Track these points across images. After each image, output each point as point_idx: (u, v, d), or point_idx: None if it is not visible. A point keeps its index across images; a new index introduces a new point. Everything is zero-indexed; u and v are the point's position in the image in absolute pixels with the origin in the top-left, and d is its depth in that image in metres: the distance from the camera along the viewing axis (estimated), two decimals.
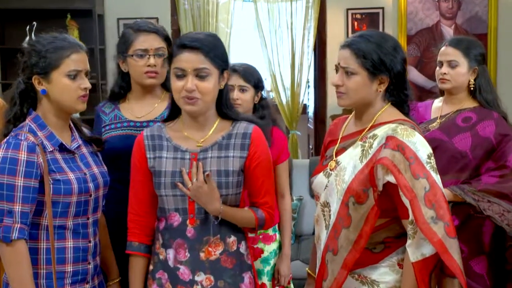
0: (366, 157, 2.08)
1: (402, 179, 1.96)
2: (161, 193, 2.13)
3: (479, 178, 2.81)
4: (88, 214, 2.21)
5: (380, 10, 6.06)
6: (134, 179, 2.18)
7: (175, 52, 2.08)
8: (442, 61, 2.94)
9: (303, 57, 6.13)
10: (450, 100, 2.98)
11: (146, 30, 2.55)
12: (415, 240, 1.97)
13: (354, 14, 6.07)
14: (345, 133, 2.24)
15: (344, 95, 2.13)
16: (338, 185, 2.12)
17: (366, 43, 2.08)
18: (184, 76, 2.06)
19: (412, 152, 1.99)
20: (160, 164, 2.12)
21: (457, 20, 5.97)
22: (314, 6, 6.06)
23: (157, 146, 2.14)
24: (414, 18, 6.01)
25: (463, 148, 2.83)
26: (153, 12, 6.02)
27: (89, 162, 2.27)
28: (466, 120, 2.90)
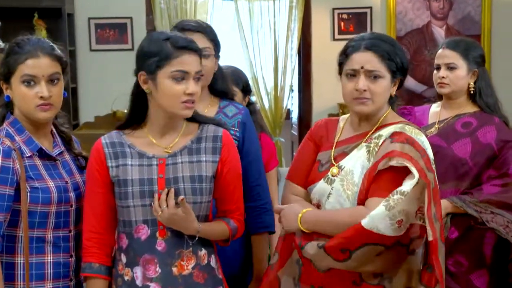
0: (373, 155, 2.12)
1: (417, 164, 2.00)
2: (129, 204, 2.07)
3: (480, 188, 2.82)
4: (70, 226, 2.19)
5: (368, 10, 6.10)
6: (92, 192, 2.12)
7: (173, 54, 2.06)
8: (440, 64, 2.96)
9: (286, 60, 6.15)
10: (449, 105, 2.99)
11: (190, 30, 2.54)
12: (382, 211, 1.95)
13: (341, 14, 6.10)
14: (342, 138, 2.25)
15: (369, 101, 2.15)
16: (348, 190, 2.13)
17: (386, 44, 2.15)
18: (183, 79, 2.07)
19: (421, 148, 2.07)
20: (125, 172, 2.08)
21: (449, 20, 6.03)
22: (298, 6, 6.08)
23: (119, 153, 2.10)
24: (404, 19, 6.06)
25: (463, 155, 2.85)
26: (127, 12, 6.01)
27: (72, 169, 2.25)
28: (466, 125, 2.92)
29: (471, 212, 2.77)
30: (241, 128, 2.61)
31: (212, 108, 2.63)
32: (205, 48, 2.52)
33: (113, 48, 6.01)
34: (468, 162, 2.84)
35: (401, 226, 1.98)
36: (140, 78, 2.08)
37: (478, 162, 2.83)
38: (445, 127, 2.94)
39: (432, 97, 3.36)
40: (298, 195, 2.29)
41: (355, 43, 2.18)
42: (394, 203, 1.95)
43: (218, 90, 2.66)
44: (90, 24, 6.02)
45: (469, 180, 2.84)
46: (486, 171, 2.84)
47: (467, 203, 2.78)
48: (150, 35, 2.15)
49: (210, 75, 2.58)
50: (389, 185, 2.03)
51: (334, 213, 2.13)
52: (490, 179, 2.84)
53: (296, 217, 2.16)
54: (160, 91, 2.05)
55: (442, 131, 2.93)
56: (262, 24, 6.15)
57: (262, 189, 2.63)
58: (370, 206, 2.03)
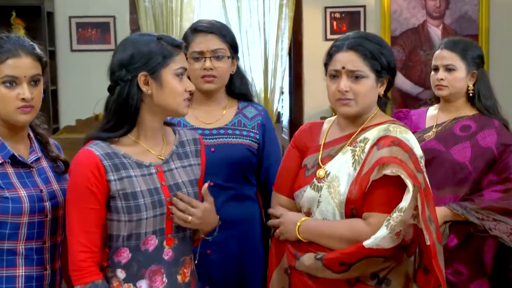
0: (359, 163, 2.15)
1: (406, 167, 2.04)
2: (141, 217, 2.05)
3: (481, 194, 2.83)
4: (45, 237, 2.15)
5: (361, 9, 6.11)
6: (84, 209, 2.02)
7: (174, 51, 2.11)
8: (438, 65, 2.97)
9: (276, 60, 6.14)
10: (447, 108, 3.01)
11: (203, 31, 2.60)
12: (385, 232, 2.02)
13: (333, 13, 6.11)
14: (328, 139, 2.29)
15: (352, 102, 2.19)
16: (335, 198, 2.16)
17: (370, 43, 2.19)
18: (183, 76, 2.14)
19: (408, 147, 2.11)
20: (132, 184, 2.06)
21: (445, 20, 6.05)
22: (288, 4, 6.07)
23: (119, 165, 2.05)
24: (399, 18, 6.08)
25: (462, 160, 2.86)
26: (110, 10, 5.99)
27: (49, 177, 2.21)
28: (464, 128, 2.93)
29: (473, 219, 2.78)
30: (260, 130, 2.66)
31: (231, 109, 2.68)
32: (218, 50, 2.58)
33: (95, 48, 5.98)
34: (467, 167, 2.85)
35: (400, 236, 2.06)
36: (140, 80, 2.07)
37: (478, 167, 2.84)
38: (443, 131, 2.95)
39: (428, 100, 3.37)
40: (285, 206, 2.33)
41: (339, 42, 2.23)
42: (395, 222, 2.02)
43: (235, 93, 2.71)
44: (71, 23, 5.99)
45: (468, 185, 2.85)
46: (486, 176, 2.85)
47: (468, 210, 2.79)
48: (135, 38, 2.13)
49: (225, 77, 2.62)
50: (387, 197, 2.08)
51: (333, 225, 2.17)
52: (491, 184, 2.84)
53: (294, 226, 2.21)
54: (167, 90, 2.08)
55: (440, 135, 2.94)
56: (251, 23, 6.14)
57: None
58: (371, 223, 2.08)
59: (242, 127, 2.65)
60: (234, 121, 2.65)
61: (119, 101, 2.07)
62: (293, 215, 2.27)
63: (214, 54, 2.58)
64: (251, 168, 2.67)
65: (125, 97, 2.06)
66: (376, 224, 2.07)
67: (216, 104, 2.67)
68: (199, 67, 2.58)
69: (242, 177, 2.64)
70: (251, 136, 2.64)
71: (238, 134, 2.63)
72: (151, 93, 2.07)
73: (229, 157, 2.58)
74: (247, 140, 2.63)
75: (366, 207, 2.12)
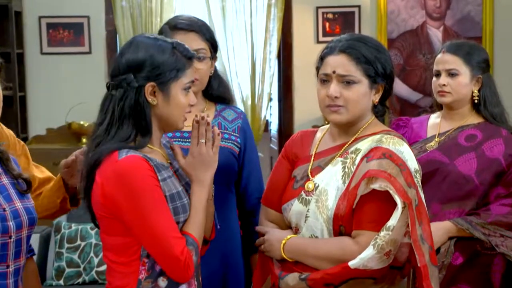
0: (349, 175, 2.16)
1: (396, 182, 2.05)
2: (186, 217, 2.13)
3: (488, 208, 2.82)
4: (8, 260, 2.11)
5: (355, 9, 6.13)
6: (165, 206, 2.06)
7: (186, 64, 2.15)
8: (440, 70, 2.96)
9: (264, 64, 6.15)
10: (450, 116, 3.00)
11: (183, 29, 2.59)
12: (372, 252, 2.03)
13: (325, 13, 6.12)
14: (320, 149, 2.30)
15: (342, 109, 2.19)
16: (323, 213, 2.17)
17: (365, 46, 2.19)
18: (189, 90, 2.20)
19: (400, 160, 2.11)
20: (174, 184, 2.14)
21: (446, 21, 6.07)
22: (277, 4, 6.09)
23: (158, 166, 2.11)
24: (396, 19, 6.09)
25: (467, 172, 2.85)
26: (83, 10, 5.99)
27: (11, 195, 2.18)
28: (469, 138, 2.92)
29: (478, 235, 2.77)
30: (241, 134, 2.67)
31: (209, 112, 2.66)
32: (200, 50, 2.57)
33: (67, 51, 5.97)
34: (473, 180, 2.84)
35: (390, 256, 2.07)
36: (147, 90, 2.10)
37: (484, 180, 2.83)
38: (447, 141, 2.94)
39: (429, 107, 3.36)
40: (273, 220, 2.35)
41: (332, 44, 2.24)
42: (382, 241, 2.03)
43: (214, 95, 2.71)
44: (41, 23, 5.97)
45: (475, 199, 2.84)
46: (494, 189, 2.85)
47: (473, 225, 2.78)
48: (147, 43, 2.14)
49: (205, 79, 2.62)
50: (377, 214, 2.09)
51: (319, 244, 2.18)
52: (498, 198, 2.83)
53: (280, 244, 2.23)
54: (173, 104, 2.14)
55: (444, 145, 2.93)
56: (237, 24, 6.15)
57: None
58: (360, 242, 2.09)
59: (223, 130, 2.65)
60: (213, 123, 2.61)
61: (124, 106, 2.10)
62: (279, 233, 2.28)
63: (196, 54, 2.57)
64: (233, 175, 2.67)
65: (133, 105, 2.10)
66: (365, 243, 2.07)
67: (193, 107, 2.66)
68: None
69: (224, 184, 2.63)
70: (232, 140, 2.65)
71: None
72: (156, 104, 2.12)
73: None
74: (229, 143, 2.63)
75: (355, 225, 2.12)
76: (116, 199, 2.03)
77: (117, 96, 2.10)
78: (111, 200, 2.03)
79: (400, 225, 2.04)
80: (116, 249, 2.10)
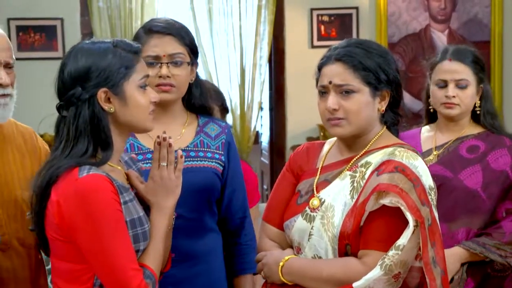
0: (357, 190, 2.15)
1: (408, 198, 2.04)
2: (146, 246, 2.10)
3: (499, 226, 2.83)
4: None
5: (353, 11, 6.16)
6: (126, 234, 2.03)
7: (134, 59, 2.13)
8: (447, 80, 2.95)
9: (254, 71, 6.16)
10: (448, 127, 3.02)
11: (159, 32, 2.59)
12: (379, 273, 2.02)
13: (320, 15, 6.14)
14: (327, 163, 2.30)
15: (343, 122, 2.19)
16: (328, 230, 2.16)
17: (361, 51, 2.19)
18: (146, 86, 2.16)
19: (414, 175, 2.10)
20: (136, 209, 2.10)
21: (452, 24, 6.10)
22: (268, 6, 6.11)
23: (120, 187, 2.08)
24: (397, 21, 6.11)
25: (473, 186, 2.87)
26: (57, 11, 5.97)
27: None
28: (472, 149, 2.94)
29: (495, 258, 2.79)
30: (225, 150, 2.68)
31: (190, 127, 2.67)
32: (176, 54, 2.57)
33: (39, 56, 5.94)
34: (480, 194, 2.86)
35: (399, 279, 2.06)
36: (101, 97, 2.06)
37: (492, 194, 2.86)
38: (448, 154, 2.96)
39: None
40: (274, 239, 2.34)
41: (328, 53, 2.25)
42: (390, 261, 2.02)
43: (195, 105, 2.70)
44: (10, 26, 5.95)
45: (482, 216, 2.86)
46: (502, 204, 2.87)
47: (487, 248, 2.79)
48: (87, 48, 2.11)
49: (183, 86, 2.62)
50: (386, 232, 2.08)
51: (322, 265, 2.17)
52: (508, 213, 2.85)
53: (277, 267, 2.21)
54: (132, 105, 2.11)
55: (444, 159, 2.95)
56: (224, 27, 6.16)
57: (248, 222, 2.74)
58: (367, 262, 2.08)
59: (206, 148, 2.65)
60: (195, 141, 2.65)
61: (79, 124, 2.06)
62: (276, 254, 2.26)
63: (172, 59, 2.57)
64: (216, 195, 2.67)
65: (89, 120, 2.06)
66: (372, 263, 2.06)
67: (172, 119, 2.66)
68: (154, 74, 2.55)
69: (205, 205, 2.64)
70: (216, 158, 2.65)
71: (202, 157, 2.63)
72: (114, 111, 2.08)
73: (193, 183, 2.55)
74: (212, 162, 2.63)
75: (362, 244, 2.11)
76: (73, 221, 1.99)
77: (70, 115, 2.06)
78: (67, 222, 1.99)
79: (411, 245, 2.03)
80: (67, 276, 2.06)
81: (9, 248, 2.40)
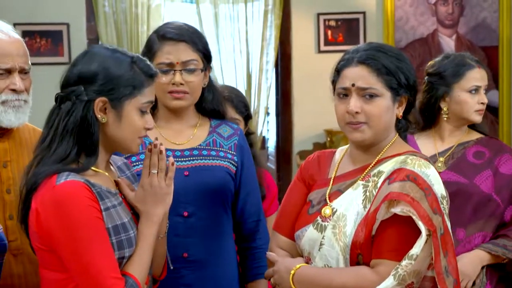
0: (370, 200, 2.14)
1: (419, 207, 2.03)
2: (132, 252, 2.07)
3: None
4: None
5: (360, 16, 6.15)
6: (105, 242, 2.00)
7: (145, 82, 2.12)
8: (480, 86, 2.99)
9: (261, 76, 6.17)
10: (452, 134, 3.05)
11: (172, 38, 2.58)
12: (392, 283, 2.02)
13: (327, 20, 6.14)
14: (340, 172, 2.29)
15: (364, 126, 2.17)
16: (340, 240, 2.15)
17: (385, 56, 2.18)
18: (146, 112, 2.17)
19: (426, 184, 2.09)
20: (119, 215, 2.07)
21: (459, 28, 6.09)
22: (275, 11, 6.11)
23: (101, 193, 2.05)
24: (404, 26, 6.11)
25: (488, 190, 2.90)
26: (63, 16, 5.98)
27: None
28: (478, 155, 2.98)
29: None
30: (238, 152, 2.68)
31: (203, 127, 2.68)
32: (190, 61, 2.57)
33: (45, 61, 5.93)
34: (495, 198, 2.89)
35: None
36: (97, 105, 2.05)
37: (504, 198, 2.90)
38: (455, 160, 2.99)
39: None
40: (285, 248, 2.32)
41: (348, 56, 2.23)
42: (404, 271, 2.02)
43: (207, 109, 2.71)
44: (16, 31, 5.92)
45: (496, 220, 2.91)
46: (509, 207, 2.91)
47: (509, 249, 2.83)
48: (103, 54, 2.11)
49: (196, 92, 2.62)
50: (398, 241, 2.08)
51: (333, 273, 2.16)
52: None
53: (288, 275, 2.20)
54: (125, 124, 2.09)
55: (454, 165, 2.97)
56: (231, 32, 6.17)
57: (263, 226, 2.75)
58: (379, 271, 2.07)
59: (219, 148, 2.66)
60: (208, 140, 2.66)
61: (69, 122, 2.05)
62: (288, 262, 2.25)
63: (185, 66, 2.57)
64: (230, 197, 2.68)
65: (79, 121, 2.05)
66: (385, 273, 2.04)
67: (184, 122, 2.68)
68: (167, 81, 2.56)
69: (220, 206, 2.64)
70: (229, 158, 2.66)
71: (215, 155, 2.64)
72: (106, 122, 2.08)
73: (206, 182, 2.58)
74: (225, 162, 2.64)
75: (374, 253, 2.10)
76: (51, 229, 1.97)
77: (63, 110, 2.05)
78: (46, 231, 1.98)
79: (424, 255, 2.03)
80: (53, 285, 2.04)
81: (21, 253, 2.40)
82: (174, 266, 2.45)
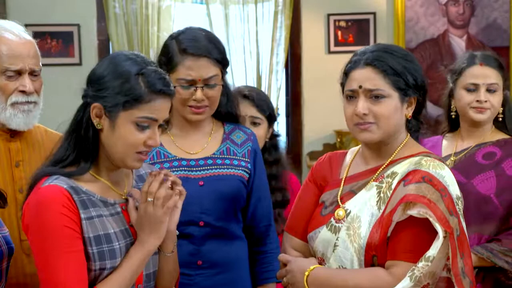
0: (384, 201, 2.15)
1: (436, 209, 2.03)
2: (115, 264, 2.02)
3: (510, 233, 2.83)
4: None
5: (370, 16, 6.15)
6: (71, 253, 1.95)
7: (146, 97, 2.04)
8: (479, 84, 2.96)
9: (271, 76, 6.17)
10: (470, 134, 3.03)
11: (193, 54, 2.53)
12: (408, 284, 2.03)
13: (337, 21, 6.14)
14: (351, 173, 2.30)
15: (373, 127, 2.18)
16: (354, 241, 2.16)
17: (391, 56, 2.19)
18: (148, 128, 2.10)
19: (442, 185, 2.10)
20: (105, 225, 2.03)
21: (470, 29, 6.08)
22: (285, 11, 6.12)
23: (87, 201, 2.02)
24: (415, 27, 6.10)
25: (486, 192, 2.88)
26: (73, 17, 6.01)
27: None
28: (488, 156, 2.95)
29: (501, 264, 2.78)
30: (252, 158, 2.68)
31: (217, 134, 2.68)
32: (211, 78, 2.53)
33: (56, 62, 5.96)
34: (493, 200, 2.86)
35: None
36: (92, 110, 2.03)
37: (505, 201, 2.86)
38: (463, 159, 2.98)
39: None
40: (298, 250, 2.33)
41: (356, 58, 2.25)
42: (420, 272, 2.02)
43: (221, 113, 2.70)
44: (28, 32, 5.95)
45: (494, 223, 2.86)
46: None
47: (494, 253, 2.79)
48: (116, 60, 2.07)
49: (215, 104, 2.60)
50: (414, 243, 2.08)
51: (348, 274, 2.17)
52: None
53: (303, 275, 2.20)
54: (117, 135, 2.03)
55: (460, 164, 2.96)
56: (242, 33, 6.17)
57: (273, 230, 2.76)
58: (395, 273, 2.08)
59: (232, 156, 2.66)
60: (222, 149, 2.66)
61: (72, 120, 2.06)
62: (302, 262, 2.25)
63: (207, 82, 2.54)
64: (242, 203, 2.69)
65: (78, 122, 2.06)
66: (400, 274, 2.05)
67: (199, 130, 2.68)
68: (188, 96, 2.54)
69: (231, 213, 2.65)
70: (242, 166, 2.65)
71: (229, 164, 2.64)
72: (102, 129, 2.04)
73: (221, 191, 2.58)
74: (239, 170, 2.64)
75: (389, 254, 2.11)
76: (29, 231, 1.97)
77: (76, 111, 2.08)
78: (26, 231, 1.98)
79: (440, 256, 2.03)
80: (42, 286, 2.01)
81: None
82: (188, 272, 2.50)
